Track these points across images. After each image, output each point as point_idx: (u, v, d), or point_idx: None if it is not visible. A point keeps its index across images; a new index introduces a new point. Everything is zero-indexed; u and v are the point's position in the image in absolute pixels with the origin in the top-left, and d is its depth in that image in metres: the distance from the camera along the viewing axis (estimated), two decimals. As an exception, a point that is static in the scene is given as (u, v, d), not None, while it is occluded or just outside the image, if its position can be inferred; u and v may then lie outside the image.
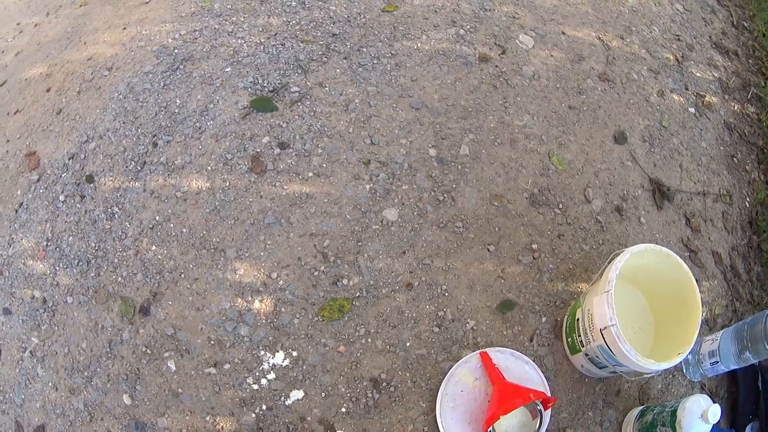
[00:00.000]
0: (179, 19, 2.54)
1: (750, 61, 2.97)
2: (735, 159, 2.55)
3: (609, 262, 1.67)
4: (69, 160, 2.31)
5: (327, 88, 2.26)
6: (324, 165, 2.08)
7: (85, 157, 2.29)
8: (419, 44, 2.42)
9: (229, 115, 2.21)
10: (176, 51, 2.44)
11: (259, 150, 2.12)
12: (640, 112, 2.45)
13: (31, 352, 2.04)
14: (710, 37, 2.94)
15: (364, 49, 2.37)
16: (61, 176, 2.29)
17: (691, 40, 2.85)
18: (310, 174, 2.06)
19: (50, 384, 1.96)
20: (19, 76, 2.85)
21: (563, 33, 2.59)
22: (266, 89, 2.26)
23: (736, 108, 2.71)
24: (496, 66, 2.39)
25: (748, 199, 2.48)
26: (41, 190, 2.30)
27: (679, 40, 2.81)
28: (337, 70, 2.32)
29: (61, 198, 2.24)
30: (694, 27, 2.93)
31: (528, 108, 2.31)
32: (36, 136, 2.48)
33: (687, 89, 2.63)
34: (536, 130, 2.26)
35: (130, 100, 2.37)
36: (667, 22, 2.87)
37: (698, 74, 2.72)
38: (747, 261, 2.34)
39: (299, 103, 2.21)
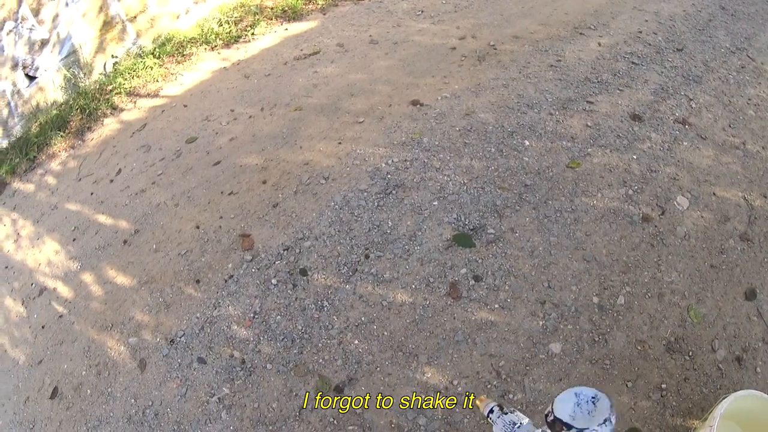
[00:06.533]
0: (392, 146, 3.25)
1: None
2: None
3: (718, 403, 2.15)
4: (284, 251, 3.04)
5: (517, 234, 2.93)
6: (508, 300, 2.73)
7: (299, 252, 3.02)
8: (595, 201, 3.06)
9: (434, 244, 2.91)
10: (389, 176, 3.16)
11: (456, 279, 2.80)
12: (772, 270, 2.90)
13: (219, 398, 2.66)
14: None
15: (550, 202, 3.04)
16: (274, 262, 3.00)
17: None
18: (497, 306, 2.72)
19: (231, 428, 2.57)
20: (234, 160, 3.58)
21: (714, 194, 3.15)
22: (467, 227, 2.95)
23: None
24: (656, 226, 3.00)
25: None
26: (253, 270, 3.01)
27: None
28: (527, 219, 2.98)
29: (273, 281, 2.94)
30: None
31: (677, 266, 2.88)
32: (251, 221, 3.22)
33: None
34: (680, 287, 2.81)
35: (345, 212, 3.09)
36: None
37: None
38: None
39: (493, 244, 2.89)
